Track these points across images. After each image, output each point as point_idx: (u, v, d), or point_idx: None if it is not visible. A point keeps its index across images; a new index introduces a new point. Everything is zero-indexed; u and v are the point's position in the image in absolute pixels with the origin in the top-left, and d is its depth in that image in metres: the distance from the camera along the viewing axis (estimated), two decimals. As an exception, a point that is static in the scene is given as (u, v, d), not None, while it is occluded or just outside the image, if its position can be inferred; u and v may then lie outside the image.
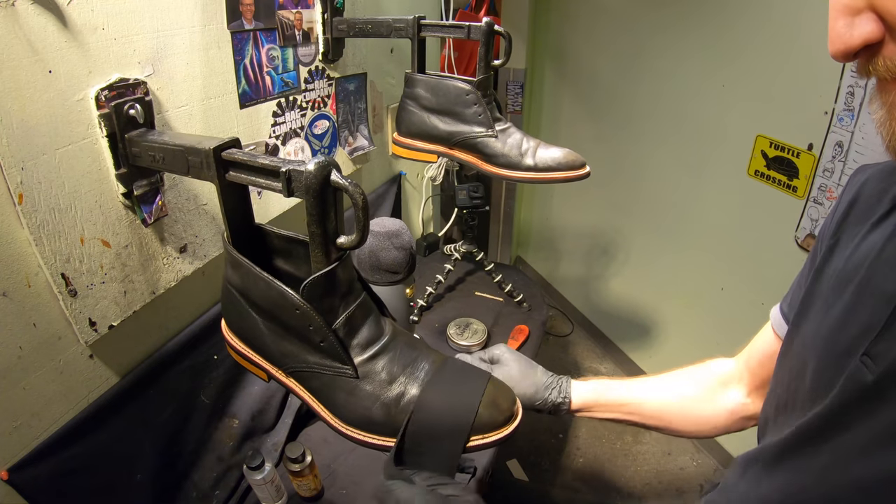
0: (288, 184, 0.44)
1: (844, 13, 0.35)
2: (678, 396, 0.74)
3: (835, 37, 0.36)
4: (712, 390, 0.73)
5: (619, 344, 2.35)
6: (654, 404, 0.73)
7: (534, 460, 1.89)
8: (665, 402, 0.73)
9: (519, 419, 0.50)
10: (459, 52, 1.71)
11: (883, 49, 0.35)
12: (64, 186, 0.62)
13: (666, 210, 1.94)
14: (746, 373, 0.72)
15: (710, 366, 0.76)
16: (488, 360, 0.75)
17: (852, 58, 0.36)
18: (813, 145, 1.36)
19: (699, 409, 0.73)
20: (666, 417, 0.73)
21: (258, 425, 1.04)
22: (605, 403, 0.73)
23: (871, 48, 0.35)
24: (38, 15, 0.56)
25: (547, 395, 0.72)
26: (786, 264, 1.49)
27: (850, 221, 0.53)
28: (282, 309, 0.48)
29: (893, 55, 0.34)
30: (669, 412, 0.73)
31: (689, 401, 0.73)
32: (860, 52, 0.36)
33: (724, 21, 1.55)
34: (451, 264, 1.46)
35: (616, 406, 0.73)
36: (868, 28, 0.34)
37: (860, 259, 0.49)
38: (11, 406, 0.64)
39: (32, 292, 0.63)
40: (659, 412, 0.73)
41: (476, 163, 0.93)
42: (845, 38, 0.35)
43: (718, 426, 0.72)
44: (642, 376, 0.77)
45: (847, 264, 0.50)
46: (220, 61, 0.82)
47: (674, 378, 0.76)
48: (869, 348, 0.44)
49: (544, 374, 0.74)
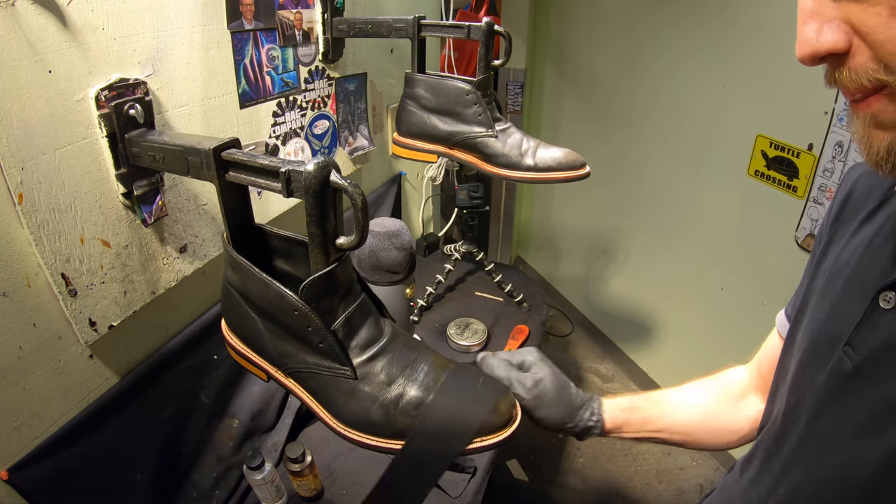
0: (287, 184, 0.44)
1: (813, 18, 0.35)
2: (702, 412, 0.71)
3: (802, 41, 0.36)
4: (733, 402, 0.72)
5: (619, 344, 2.35)
6: (682, 423, 0.70)
7: (534, 460, 1.89)
8: (690, 418, 0.71)
9: (517, 422, 0.50)
10: (459, 52, 1.71)
11: (849, 60, 0.35)
12: (64, 186, 0.62)
13: (666, 210, 1.94)
14: (759, 379, 0.71)
15: (726, 376, 0.74)
16: (517, 364, 0.65)
17: (819, 62, 0.37)
18: (813, 145, 1.36)
19: (723, 422, 0.71)
20: (692, 433, 0.70)
21: (258, 425, 1.04)
22: (634, 422, 0.69)
23: (838, 57, 0.35)
24: (38, 15, 0.56)
25: (579, 416, 0.65)
26: (786, 264, 1.49)
27: (843, 218, 0.55)
28: (281, 310, 0.48)
29: (859, 68, 0.35)
30: (695, 428, 0.71)
31: (713, 415, 0.71)
32: (826, 58, 0.36)
33: (724, 21, 1.55)
34: (451, 264, 1.46)
35: (643, 425, 0.69)
36: (835, 37, 0.34)
37: (850, 253, 0.50)
38: (11, 406, 0.64)
39: (32, 292, 0.63)
40: (685, 428, 0.70)
41: (476, 163, 0.93)
42: (812, 44, 0.35)
43: (742, 436, 0.70)
44: (662, 390, 0.74)
45: (839, 259, 0.52)
46: (220, 61, 0.82)
47: (695, 392, 0.73)
48: (851, 338, 0.45)
49: (577, 392, 0.66)
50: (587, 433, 0.66)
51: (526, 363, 0.65)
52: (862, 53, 0.34)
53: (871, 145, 0.37)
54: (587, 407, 0.66)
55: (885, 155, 0.36)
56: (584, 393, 0.67)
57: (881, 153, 0.36)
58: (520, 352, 0.67)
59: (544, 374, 0.63)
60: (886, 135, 0.36)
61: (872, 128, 0.37)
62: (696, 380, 0.75)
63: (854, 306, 0.46)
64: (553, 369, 0.65)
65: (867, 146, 0.37)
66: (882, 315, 0.44)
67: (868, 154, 0.38)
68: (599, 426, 0.66)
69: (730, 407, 0.71)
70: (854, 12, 0.33)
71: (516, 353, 0.66)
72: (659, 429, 0.69)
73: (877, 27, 0.32)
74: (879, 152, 0.37)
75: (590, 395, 0.67)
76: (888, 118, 0.35)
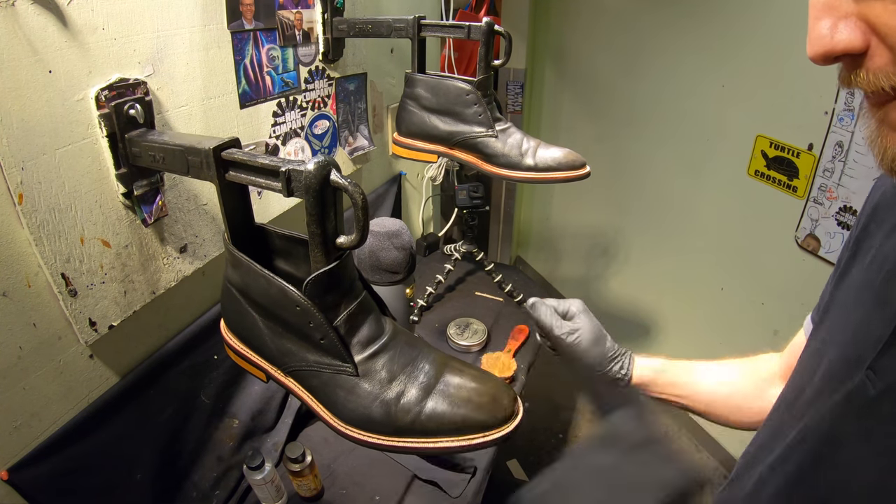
0: (287, 184, 0.44)
1: (828, 13, 0.32)
2: (729, 388, 0.75)
3: (815, 38, 0.33)
4: (760, 387, 0.74)
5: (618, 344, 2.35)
6: (705, 393, 0.74)
7: (534, 460, 1.89)
8: (716, 392, 0.74)
9: (519, 418, 0.50)
10: (459, 52, 1.71)
11: (867, 61, 0.32)
12: (64, 186, 0.62)
13: (666, 210, 1.94)
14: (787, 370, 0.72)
15: (758, 361, 0.77)
16: (562, 312, 0.76)
17: (832, 62, 0.34)
18: (813, 145, 1.36)
19: (748, 403, 0.74)
20: (714, 406, 0.74)
21: (258, 425, 1.04)
22: (660, 383, 0.75)
23: (854, 58, 0.32)
24: (38, 15, 0.56)
25: (610, 366, 0.74)
26: (786, 264, 1.49)
27: (871, 229, 0.52)
28: (282, 306, 0.48)
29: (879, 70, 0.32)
30: (719, 402, 0.74)
31: (739, 394, 0.74)
32: (841, 58, 0.33)
33: (724, 21, 1.55)
34: (451, 264, 1.46)
35: (669, 387, 0.75)
36: (852, 35, 0.31)
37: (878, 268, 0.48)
38: (11, 406, 0.64)
39: (32, 292, 0.63)
40: (710, 400, 0.74)
41: (476, 163, 0.93)
42: (825, 42, 0.32)
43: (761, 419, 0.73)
44: (698, 361, 0.78)
45: (866, 273, 0.49)
46: (220, 61, 0.82)
47: (727, 368, 0.77)
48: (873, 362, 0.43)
49: (612, 344, 0.75)
50: (615, 384, 0.74)
51: (570, 312, 0.75)
52: (881, 55, 0.31)
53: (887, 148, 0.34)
54: (619, 360, 0.74)
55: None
56: (619, 347, 0.76)
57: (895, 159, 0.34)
58: (565, 301, 0.76)
59: (583, 324, 0.73)
60: None
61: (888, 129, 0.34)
62: (730, 358, 0.78)
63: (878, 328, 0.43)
64: (593, 321, 0.75)
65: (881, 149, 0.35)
66: None
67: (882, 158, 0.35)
68: (626, 379, 0.74)
69: (755, 390, 0.73)
70: (874, 10, 0.30)
71: (563, 302, 0.76)
72: (683, 394, 0.75)
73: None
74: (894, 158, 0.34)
75: (624, 350, 0.76)
76: None
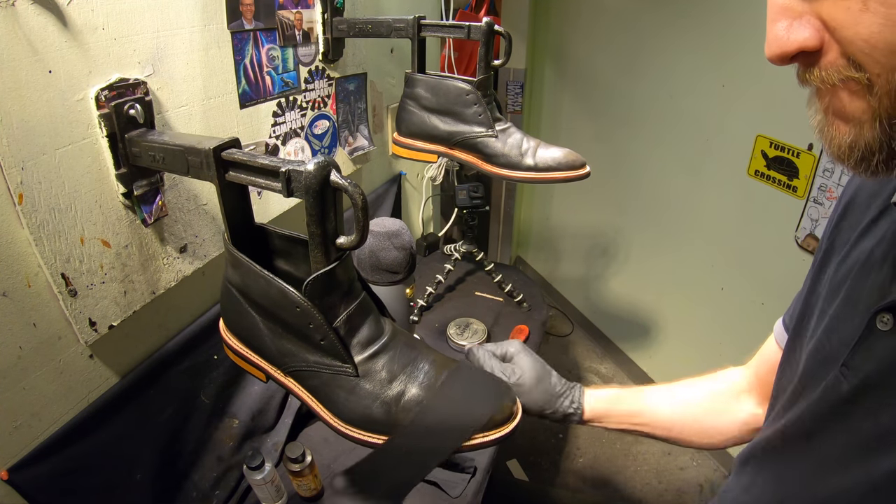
0: (287, 184, 0.44)
1: (783, 14, 0.33)
2: (690, 408, 0.72)
3: (772, 39, 0.34)
4: (725, 402, 0.71)
5: (619, 344, 2.35)
6: (665, 416, 0.71)
7: (534, 460, 1.89)
8: (676, 414, 0.71)
9: (519, 418, 0.50)
10: (459, 52, 1.71)
11: (821, 59, 0.33)
12: (64, 186, 0.62)
13: (666, 210, 1.94)
14: (756, 383, 0.70)
15: (722, 376, 0.74)
16: (500, 355, 0.71)
17: (788, 62, 0.35)
18: (813, 145, 1.36)
19: (711, 422, 0.71)
20: (677, 429, 0.71)
21: (258, 425, 1.04)
22: (616, 414, 0.71)
23: (809, 56, 0.33)
24: (38, 15, 0.56)
25: (558, 404, 0.69)
26: (786, 264, 1.49)
27: (844, 226, 0.52)
28: (282, 307, 0.48)
29: (830, 66, 0.33)
30: (681, 424, 0.71)
31: (701, 413, 0.71)
32: (797, 57, 0.34)
33: (723, 20, 1.55)
34: (451, 264, 1.46)
35: (627, 417, 0.71)
36: (805, 34, 0.32)
37: (850, 266, 0.48)
38: (11, 406, 0.64)
39: (32, 292, 0.63)
40: (670, 424, 0.71)
41: (476, 163, 0.93)
42: (782, 42, 0.33)
43: (730, 438, 0.70)
44: (654, 385, 0.75)
45: (838, 271, 0.50)
46: (220, 61, 0.82)
47: (686, 389, 0.74)
48: (847, 359, 0.44)
49: (558, 381, 0.70)
50: (567, 420, 0.70)
51: (508, 354, 0.71)
52: (833, 51, 0.32)
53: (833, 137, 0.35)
54: (567, 395, 0.70)
55: (847, 150, 0.34)
56: (566, 382, 0.71)
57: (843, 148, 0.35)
58: (503, 344, 0.72)
59: (524, 364, 0.69)
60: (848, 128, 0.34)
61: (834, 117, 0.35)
62: (690, 378, 0.75)
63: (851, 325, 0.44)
64: (534, 359, 0.70)
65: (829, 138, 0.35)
66: (878, 338, 0.41)
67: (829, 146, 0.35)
68: (579, 414, 0.70)
69: (719, 407, 0.71)
70: (825, 7, 0.32)
71: (501, 344, 0.72)
72: (643, 422, 0.71)
73: (846, 22, 0.31)
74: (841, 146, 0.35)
75: (572, 384, 0.71)
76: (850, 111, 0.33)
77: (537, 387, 0.68)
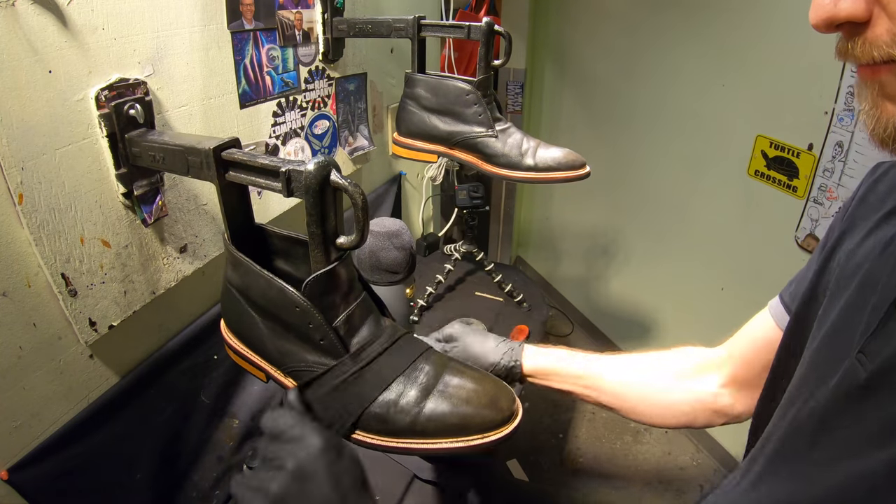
0: (287, 184, 0.44)
1: None
2: (640, 378, 0.71)
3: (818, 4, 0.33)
4: (682, 376, 0.70)
5: (619, 344, 2.35)
6: (613, 382, 0.71)
7: (534, 460, 1.89)
8: (625, 381, 0.71)
9: (519, 418, 0.50)
10: (459, 52, 1.71)
11: (867, 31, 0.32)
12: (64, 186, 0.62)
13: (666, 210, 1.94)
14: (728, 360, 0.69)
15: (688, 351, 0.73)
16: (444, 339, 0.75)
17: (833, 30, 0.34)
18: (813, 145, 1.36)
19: (661, 395, 0.70)
20: (623, 397, 0.71)
21: (258, 425, 1.04)
22: (561, 374, 0.72)
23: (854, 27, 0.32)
24: (38, 15, 0.56)
25: (497, 359, 0.71)
26: (786, 264, 1.48)
27: (858, 216, 0.52)
28: (282, 307, 0.48)
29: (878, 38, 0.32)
30: (629, 393, 0.71)
31: (652, 384, 0.71)
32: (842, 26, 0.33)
33: (724, 21, 1.55)
34: (451, 264, 1.46)
35: (573, 378, 0.71)
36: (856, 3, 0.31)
37: (864, 256, 0.48)
38: (11, 406, 0.64)
39: (32, 292, 0.63)
40: (618, 391, 0.71)
41: (476, 163, 0.93)
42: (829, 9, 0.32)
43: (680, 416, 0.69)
44: (611, 353, 0.75)
45: (851, 260, 0.50)
46: (220, 61, 0.82)
47: (642, 359, 0.74)
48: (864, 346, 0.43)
49: (496, 340, 0.74)
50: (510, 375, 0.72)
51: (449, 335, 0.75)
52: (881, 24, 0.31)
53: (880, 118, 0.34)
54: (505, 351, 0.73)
55: (892, 132, 0.33)
56: (508, 341, 0.74)
57: (889, 129, 0.33)
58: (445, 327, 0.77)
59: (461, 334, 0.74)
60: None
61: (882, 98, 0.34)
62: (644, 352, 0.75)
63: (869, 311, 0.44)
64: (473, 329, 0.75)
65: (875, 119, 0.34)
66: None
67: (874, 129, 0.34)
68: (518, 368, 0.72)
69: (675, 382, 0.71)
70: None
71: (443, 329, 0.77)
72: (589, 385, 0.71)
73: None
74: (888, 128, 0.34)
75: (513, 343, 0.74)
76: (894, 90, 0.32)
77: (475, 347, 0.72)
